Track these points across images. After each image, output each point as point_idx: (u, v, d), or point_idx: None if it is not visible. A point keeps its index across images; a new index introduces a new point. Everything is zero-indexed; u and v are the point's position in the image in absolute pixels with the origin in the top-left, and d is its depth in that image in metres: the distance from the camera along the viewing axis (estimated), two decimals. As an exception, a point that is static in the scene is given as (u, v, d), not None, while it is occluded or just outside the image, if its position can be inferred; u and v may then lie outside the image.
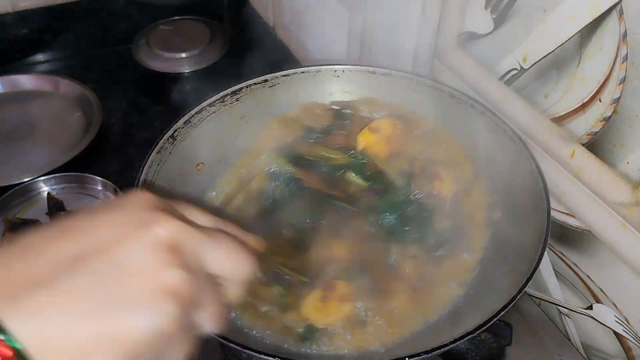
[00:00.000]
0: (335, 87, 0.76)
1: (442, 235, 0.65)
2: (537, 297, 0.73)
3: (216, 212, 0.40)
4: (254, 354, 0.50)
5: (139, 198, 0.34)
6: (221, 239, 0.36)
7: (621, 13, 0.52)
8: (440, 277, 0.63)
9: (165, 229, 0.33)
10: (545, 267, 0.70)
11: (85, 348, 0.29)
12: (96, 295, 0.30)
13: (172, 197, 0.37)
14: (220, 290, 0.37)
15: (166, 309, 0.31)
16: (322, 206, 0.67)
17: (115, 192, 0.93)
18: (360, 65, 0.75)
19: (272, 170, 0.71)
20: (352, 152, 0.72)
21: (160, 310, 0.31)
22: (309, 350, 0.57)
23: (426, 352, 0.48)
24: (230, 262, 0.36)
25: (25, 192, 0.93)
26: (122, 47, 1.26)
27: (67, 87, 1.13)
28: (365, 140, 0.72)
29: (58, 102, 1.12)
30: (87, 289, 0.30)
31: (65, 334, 0.29)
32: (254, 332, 0.58)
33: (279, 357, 0.49)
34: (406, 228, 0.65)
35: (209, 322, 0.35)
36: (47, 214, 0.90)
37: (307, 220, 0.66)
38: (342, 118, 0.76)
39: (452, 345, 0.48)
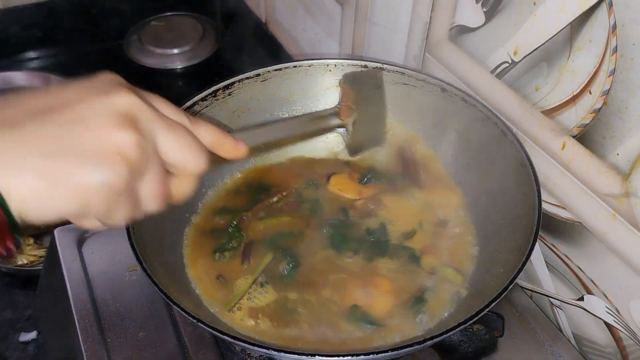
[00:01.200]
0: (327, 81, 0.76)
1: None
2: (529, 289, 0.73)
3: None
4: (248, 346, 0.50)
5: (108, 76, 0.38)
6: (178, 130, 0.39)
7: (610, 5, 0.52)
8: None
9: (125, 99, 0.36)
10: (537, 258, 0.70)
11: (45, 187, 0.33)
12: (56, 141, 0.33)
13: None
14: (166, 174, 0.39)
15: (116, 168, 0.34)
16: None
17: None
18: (352, 59, 0.75)
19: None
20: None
21: (111, 168, 0.34)
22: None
23: (418, 343, 0.48)
24: (181, 154, 0.39)
25: (17, 188, 0.93)
26: (114, 44, 1.26)
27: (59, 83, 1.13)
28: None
29: (50, 99, 1.11)
30: (48, 134, 0.33)
31: (27, 171, 0.32)
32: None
33: (272, 349, 0.49)
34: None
35: (148, 198, 0.38)
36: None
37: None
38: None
39: (444, 336, 0.49)
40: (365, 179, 0.73)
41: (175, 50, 1.27)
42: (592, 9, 0.54)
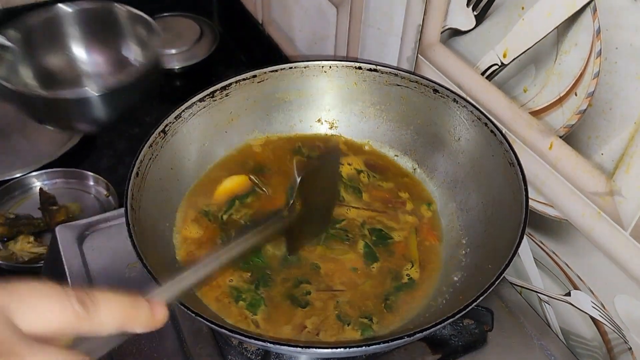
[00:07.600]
0: (322, 83, 0.78)
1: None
2: (518, 285, 0.75)
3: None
4: (245, 339, 0.51)
5: None
6: None
7: (595, 10, 0.54)
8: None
9: None
10: (526, 255, 0.72)
11: None
12: None
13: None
14: None
15: None
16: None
17: (106, 187, 0.94)
18: (347, 61, 0.77)
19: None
20: None
21: None
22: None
23: (408, 335, 0.50)
24: None
25: (17, 187, 0.94)
26: (112, 44, 1.27)
27: (58, 83, 1.14)
28: None
29: (49, 98, 1.12)
30: None
31: None
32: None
33: (268, 342, 0.51)
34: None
35: None
36: (39, 208, 0.91)
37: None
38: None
39: (433, 329, 0.50)
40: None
41: (173, 51, 1.29)
42: (578, 14, 0.56)
